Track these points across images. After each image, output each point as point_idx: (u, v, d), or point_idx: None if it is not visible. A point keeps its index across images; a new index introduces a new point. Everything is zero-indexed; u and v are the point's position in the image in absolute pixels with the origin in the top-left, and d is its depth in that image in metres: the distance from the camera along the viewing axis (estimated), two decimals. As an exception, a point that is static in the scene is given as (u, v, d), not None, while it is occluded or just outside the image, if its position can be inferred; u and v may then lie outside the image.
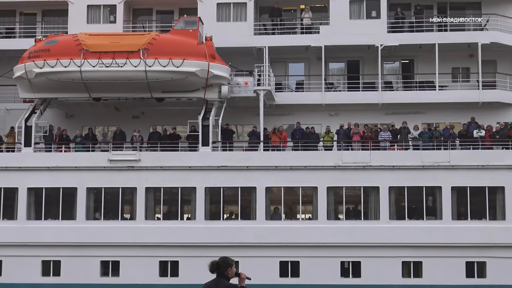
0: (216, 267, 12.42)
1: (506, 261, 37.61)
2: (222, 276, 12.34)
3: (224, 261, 12.35)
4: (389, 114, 42.60)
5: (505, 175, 38.48)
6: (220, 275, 12.36)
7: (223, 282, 12.29)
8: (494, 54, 43.10)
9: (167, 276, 38.76)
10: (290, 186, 39.67)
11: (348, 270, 37.78)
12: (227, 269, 12.33)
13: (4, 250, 38.87)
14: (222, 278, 12.36)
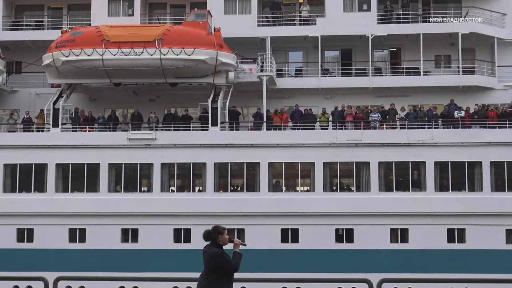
0: (207, 235, 12.49)
1: (483, 228, 37.64)
2: (214, 243, 12.42)
3: (215, 229, 12.51)
4: (379, 97, 42.48)
5: (482, 151, 38.46)
6: (212, 242, 12.42)
7: (212, 248, 12.39)
8: (473, 43, 42.95)
9: (180, 242, 38.81)
10: (290, 162, 39.72)
11: (342, 236, 37.81)
12: (218, 236, 12.40)
13: (35, 219, 38.99)
14: (213, 244, 12.43)
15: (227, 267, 12.19)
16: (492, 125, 39.65)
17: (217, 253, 12.31)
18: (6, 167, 40.30)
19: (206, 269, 12.34)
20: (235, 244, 12.40)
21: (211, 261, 12.28)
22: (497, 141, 38.59)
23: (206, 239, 12.55)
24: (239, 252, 12.39)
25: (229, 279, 12.27)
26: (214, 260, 12.25)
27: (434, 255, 37.29)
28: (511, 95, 42.07)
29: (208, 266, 12.30)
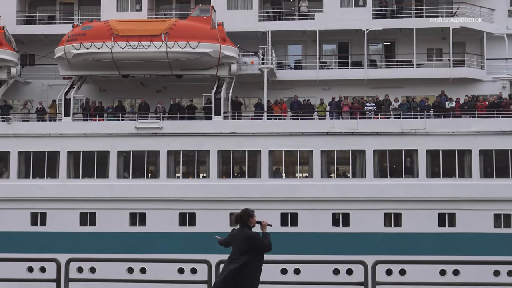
0: (239, 219, 12.43)
1: (472, 212, 37.65)
2: (245, 225, 12.38)
3: (245, 212, 12.47)
4: (374, 88, 42.44)
5: (471, 140, 38.47)
6: (243, 225, 12.39)
7: (245, 231, 12.31)
8: (463, 37, 42.91)
9: (185, 226, 38.86)
10: (290, 150, 39.72)
11: (339, 220, 37.84)
12: (248, 219, 12.37)
13: (48, 204, 39.05)
14: (245, 227, 12.37)
15: (262, 247, 12.20)
16: (481, 115, 39.62)
17: (252, 234, 12.29)
18: (20, 154, 40.34)
19: (238, 251, 12.26)
20: (263, 225, 12.45)
21: (246, 242, 12.20)
22: (485, 130, 38.57)
23: (237, 223, 12.50)
24: (267, 232, 12.39)
25: (261, 259, 12.29)
26: (251, 241, 12.20)
27: (425, 238, 37.34)
28: (499, 86, 42.08)
29: (242, 248, 12.21)
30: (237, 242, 12.32)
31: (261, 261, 12.28)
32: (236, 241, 12.34)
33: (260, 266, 12.26)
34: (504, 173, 38.47)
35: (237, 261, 12.21)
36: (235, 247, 12.33)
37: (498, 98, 40.70)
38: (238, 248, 12.27)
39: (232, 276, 12.15)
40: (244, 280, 12.15)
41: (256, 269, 12.19)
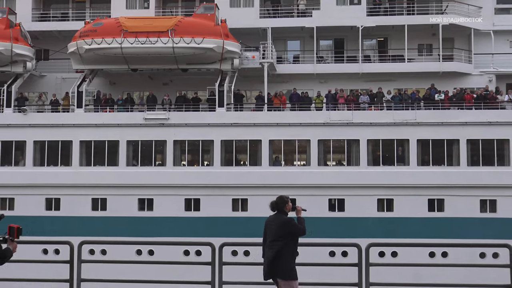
0: (275, 205, 12.29)
1: (460, 198, 37.69)
2: (281, 212, 12.21)
3: (281, 199, 12.24)
4: (367, 82, 42.44)
5: (459, 130, 38.48)
6: (280, 211, 12.22)
7: (281, 217, 12.17)
8: (452, 33, 42.86)
9: (191, 211, 38.92)
10: (288, 139, 39.74)
11: (335, 206, 37.87)
12: (284, 206, 12.17)
13: (62, 190, 39.11)
14: (281, 213, 12.23)
15: (298, 232, 12.11)
16: (469, 107, 39.63)
17: (289, 220, 12.17)
18: (35, 143, 40.41)
19: (273, 237, 12.15)
20: (298, 210, 12.32)
21: (283, 228, 12.07)
22: (472, 121, 38.59)
23: (273, 210, 12.31)
24: (302, 217, 12.32)
25: (296, 243, 12.21)
26: (288, 227, 12.09)
27: (416, 222, 37.36)
28: (485, 80, 42.05)
29: (279, 233, 12.09)
30: (273, 227, 12.17)
31: (296, 245, 12.19)
32: (272, 227, 12.19)
33: (295, 250, 12.19)
34: (489, 161, 38.50)
35: (273, 247, 12.13)
36: (270, 233, 12.22)
37: (485, 91, 40.68)
38: (273, 234, 12.14)
39: (271, 262, 12.14)
40: (282, 265, 12.11)
41: (293, 253, 12.13)
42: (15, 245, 7.94)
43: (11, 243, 7.92)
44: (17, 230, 7.94)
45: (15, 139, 40.53)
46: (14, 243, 7.95)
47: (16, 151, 40.88)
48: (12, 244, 7.92)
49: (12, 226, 7.98)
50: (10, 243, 7.93)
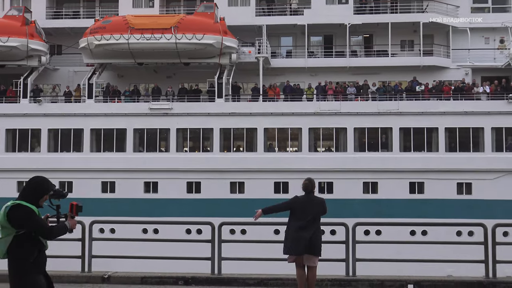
0: (310, 186, 12.16)
1: (439, 181, 37.80)
2: (312, 192, 12.12)
3: (312, 181, 12.23)
4: (354, 74, 42.42)
5: (438, 119, 38.53)
6: (311, 192, 12.12)
7: (316, 197, 12.15)
8: (432, 30, 42.80)
9: (192, 193, 38.96)
10: (282, 127, 39.74)
11: (324, 188, 37.88)
12: (314, 187, 12.18)
13: (74, 174, 39.08)
14: (311, 194, 12.11)
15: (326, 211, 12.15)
16: (447, 98, 39.69)
17: (324, 200, 12.26)
18: (50, 131, 40.38)
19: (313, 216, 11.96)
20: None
21: (322, 207, 12.06)
22: (450, 111, 38.66)
23: (306, 191, 12.14)
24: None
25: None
26: (324, 206, 12.13)
27: (398, 203, 37.44)
28: (462, 73, 42.08)
29: (319, 212, 12.02)
30: (309, 207, 11.97)
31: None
32: (309, 206, 11.98)
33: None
34: (466, 147, 38.59)
35: (314, 224, 11.95)
36: (306, 212, 11.93)
37: (462, 83, 40.72)
38: (312, 213, 11.96)
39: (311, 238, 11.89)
40: (318, 241, 12.01)
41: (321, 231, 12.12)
42: (74, 222, 7.69)
43: (71, 220, 7.68)
44: (75, 207, 7.72)
45: (31, 127, 40.52)
46: (73, 220, 7.70)
47: (32, 138, 40.90)
48: (72, 220, 7.68)
49: (72, 203, 7.78)
50: (70, 220, 7.68)
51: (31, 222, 7.16)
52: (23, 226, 7.13)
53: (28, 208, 7.16)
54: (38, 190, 7.46)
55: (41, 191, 7.44)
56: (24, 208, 7.13)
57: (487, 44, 43.13)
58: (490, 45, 43.09)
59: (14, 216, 7.09)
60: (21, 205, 7.13)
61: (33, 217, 7.20)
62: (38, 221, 7.23)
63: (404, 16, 42.81)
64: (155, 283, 14.83)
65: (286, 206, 12.11)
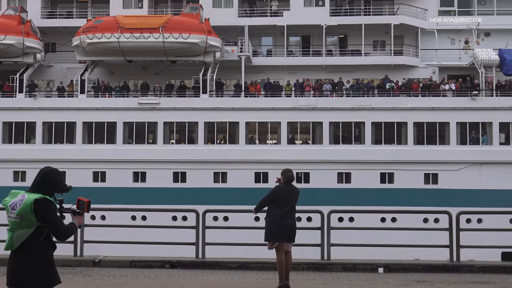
0: (293, 178, 12.06)
1: (407, 172, 38.01)
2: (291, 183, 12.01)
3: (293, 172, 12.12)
4: (330, 72, 42.44)
5: (407, 114, 38.72)
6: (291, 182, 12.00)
7: (295, 187, 12.05)
8: (402, 31, 42.93)
9: (178, 182, 38.93)
10: (262, 121, 39.78)
11: (301, 178, 37.95)
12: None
13: (67, 164, 38.57)
14: (291, 184, 11.98)
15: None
16: (415, 94, 39.88)
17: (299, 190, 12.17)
18: (44, 124, 40.18)
19: (293, 205, 11.89)
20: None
21: (298, 196, 11.96)
22: (418, 106, 38.86)
23: (289, 181, 11.96)
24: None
25: None
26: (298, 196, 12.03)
27: (370, 192, 37.60)
28: (430, 71, 42.32)
29: (295, 201, 11.92)
30: (292, 197, 11.86)
31: None
32: (292, 197, 11.86)
33: None
34: (432, 140, 38.85)
35: (294, 213, 11.92)
36: (288, 202, 11.81)
37: (429, 81, 40.96)
38: (293, 203, 11.89)
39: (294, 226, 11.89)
40: (295, 229, 11.95)
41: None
42: (81, 219, 6.68)
43: (78, 217, 6.67)
44: (87, 204, 6.68)
45: (26, 120, 40.27)
46: (80, 217, 6.67)
47: (27, 130, 40.64)
48: (79, 218, 6.66)
49: (81, 199, 6.71)
50: (76, 218, 6.67)
51: (53, 219, 6.38)
52: (46, 221, 6.32)
53: (53, 203, 6.42)
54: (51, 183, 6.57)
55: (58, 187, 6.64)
56: (49, 203, 6.37)
57: (453, 45, 43.40)
58: (456, 45, 43.36)
59: (41, 208, 6.26)
60: (46, 199, 6.35)
61: (55, 214, 6.47)
62: (59, 219, 6.49)
63: (376, 18, 42.99)
64: (143, 266, 14.85)
65: (271, 198, 11.91)
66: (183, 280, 13.04)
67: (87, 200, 6.73)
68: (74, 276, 13.16)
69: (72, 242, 15.35)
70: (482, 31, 42.45)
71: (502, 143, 38.62)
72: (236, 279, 13.29)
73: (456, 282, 13.17)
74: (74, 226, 6.62)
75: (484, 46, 41.44)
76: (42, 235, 6.38)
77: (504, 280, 13.42)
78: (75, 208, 6.71)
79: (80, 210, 6.69)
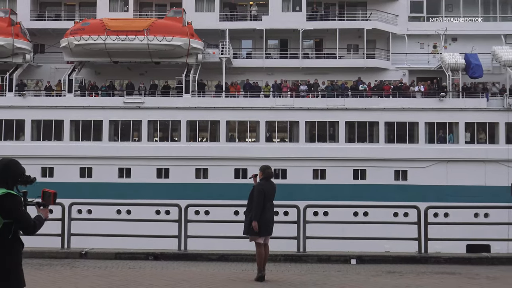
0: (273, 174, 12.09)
1: (379, 169, 38.20)
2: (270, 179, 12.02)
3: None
4: (306, 74, 42.58)
5: (379, 114, 38.91)
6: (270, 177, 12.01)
7: (273, 183, 12.10)
8: (374, 35, 43.13)
9: (161, 178, 38.80)
10: (242, 120, 39.75)
11: (278, 174, 37.97)
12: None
13: (55, 160, 38.62)
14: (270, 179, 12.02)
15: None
16: (387, 96, 40.10)
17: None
18: (33, 122, 39.83)
19: (272, 200, 11.91)
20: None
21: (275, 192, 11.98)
22: (390, 107, 39.07)
23: (269, 177, 12.00)
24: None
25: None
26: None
27: (343, 188, 37.73)
28: (400, 74, 42.58)
29: (274, 197, 11.94)
30: (272, 192, 11.90)
31: None
32: (271, 192, 11.90)
33: None
34: (402, 139, 39.07)
35: (273, 208, 11.96)
36: (270, 197, 11.85)
37: (400, 83, 41.19)
38: (272, 197, 11.93)
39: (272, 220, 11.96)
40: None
41: None
42: (47, 211, 6.02)
43: (43, 210, 6.03)
44: (54, 196, 6.02)
45: (16, 118, 39.88)
46: (46, 209, 6.04)
47: (16, 128, 40.24)
48: (44, 210, 6.02)
49: (46, 190, 6.06)
50: (41, 210, 6.02)
51: (20, 214, 5.76)
52: (13, 217, 5.72)
53: (18, 197, 5.81)
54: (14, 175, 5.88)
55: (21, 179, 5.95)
56: (14, 197, 5.76)
57: (422, 49, 43.67)
58: (425, 50, 43.65)
59: (6, 204, 5.68)
60: (10, 194, 5.74)
61: (22, 209, 5.83)
62: (26, 214, 5.83)
63: (350, 23, 43.10)
64: (127, 258, 14.80)
65: (261, 198, 11.71)
66: (166, 271, 13.01)
67: (53, 191, 6.06)
68: (61, 267, 13.07)
69: (59, 235, 15.25)
70: (449, 36, 42.76)
71: (467, 142, 38.97)
72: (216, 270, 13.28)
73: (424, 272, 13.26)
74: (41, 219, 5.96)
75: (451, 51, 41.77)
76: (10, 232, 5.74)
77: (469, 271, 13.53)
78: (40, 200, 6.08)
79: (46, 202, 6.06)
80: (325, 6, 44.64)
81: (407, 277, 12.65)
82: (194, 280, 11.77)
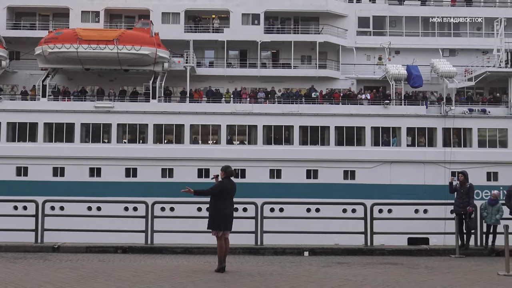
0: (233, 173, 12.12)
1: (329, 169, 38.51)
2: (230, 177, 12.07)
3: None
4: (264, 82, 42.66)
5: (330, 119, 39.25)
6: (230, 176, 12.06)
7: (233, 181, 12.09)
8: (326, 48, 43.47)
9: (130, 177, 38.44)
10: (204, 124, 39.63)
11: (238, 174, 37.90)
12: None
13: (29, 160, 37.94)
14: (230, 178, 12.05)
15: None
16: (337, 102, 40.45)
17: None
18: (8, 124, 38.98)
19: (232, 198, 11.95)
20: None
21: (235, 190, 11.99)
22: (339, 112, 39.44)
23: (230, 176, 12.01)
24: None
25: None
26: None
27: (298, 187, 37.91)
28: (349, 83, 42.99)
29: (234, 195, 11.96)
30: (232, 190, 11.91)
31: None
32: (233, 190, 11.93)
33: None
34: (351, 142, 39.46)
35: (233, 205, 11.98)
36: (231, 195, 11.90)
37: (348, 91, 41.60)
38: (233, 195, 11.96)
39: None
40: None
41: None
42: None
43: None
44: None
45: (-8, 120, 39.02)
46: None
47: (-8, 130, 39.38)
48: None
49: None
50: None
51: None
52: None
53: None
54: None
55: None
56: None
57: (369, 61, 44.19)
58: (371, 61, 44.18)
59: None
60: None
61: None
62: None
63: (304, 36, 43.36)
64: (98, 251, 14.68)
65: (218, 190, 11.83)
66: (134, 264, 12.93)
67: None
68: (35, 260, 12.85)
69: (33, 230, 15.02)
70: (393, 49, 43.35)
71: (409, 145, 39.62)
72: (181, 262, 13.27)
73: (370, 263, 13.43)
74: None
75: (394, 62, 42.36)
76: None
77: (410, 262, 13.77)
78: None
79: None
80: (281, 20, 44.84)
81: (354, 267, 12.80)
82: (159, 272, 11.72)
